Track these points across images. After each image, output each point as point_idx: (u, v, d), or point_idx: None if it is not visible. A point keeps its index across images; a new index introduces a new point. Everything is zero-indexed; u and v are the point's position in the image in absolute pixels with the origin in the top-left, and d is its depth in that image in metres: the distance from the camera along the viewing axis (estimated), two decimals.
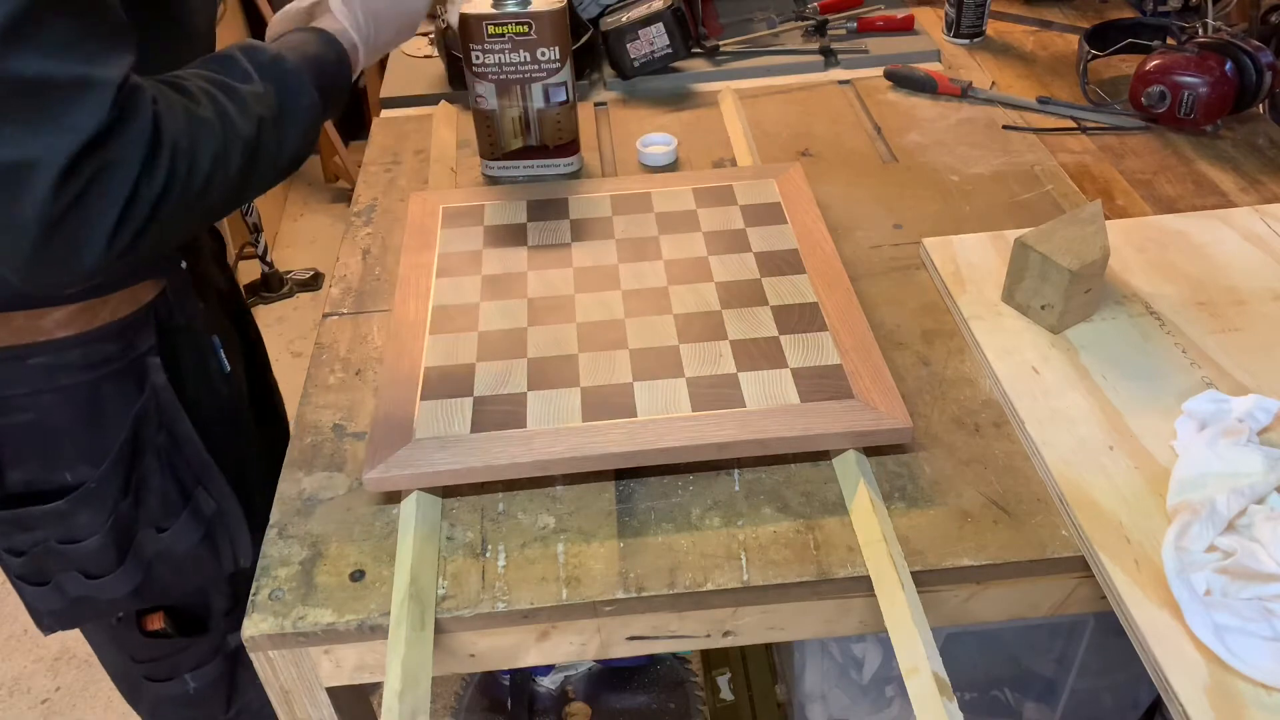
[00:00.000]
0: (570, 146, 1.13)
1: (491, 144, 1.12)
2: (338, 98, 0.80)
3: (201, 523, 0.94)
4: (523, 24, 1.02)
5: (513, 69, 1.06)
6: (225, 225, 1.18)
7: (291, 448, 0.83)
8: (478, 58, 1.05)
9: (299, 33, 0.80)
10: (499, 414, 0.79)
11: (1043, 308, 0.87)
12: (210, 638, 1.04)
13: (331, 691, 0.75)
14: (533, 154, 1.12)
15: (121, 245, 0.62)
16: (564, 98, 1.09)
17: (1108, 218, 0.95)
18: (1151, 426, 0.77)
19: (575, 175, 1.14)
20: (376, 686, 0.71)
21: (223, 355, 0.95)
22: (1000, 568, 0.71)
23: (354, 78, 0.83)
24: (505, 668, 0.82)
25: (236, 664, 1.08)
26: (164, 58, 0.72)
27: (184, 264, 0.89)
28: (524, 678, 1.41)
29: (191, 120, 0.65)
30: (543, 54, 1.05)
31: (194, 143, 0.65)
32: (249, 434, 1.02)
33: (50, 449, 0.88)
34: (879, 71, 1.32)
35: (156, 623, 1.01)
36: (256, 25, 2.59)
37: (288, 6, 0.86)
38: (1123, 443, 0.76)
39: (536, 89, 1.07)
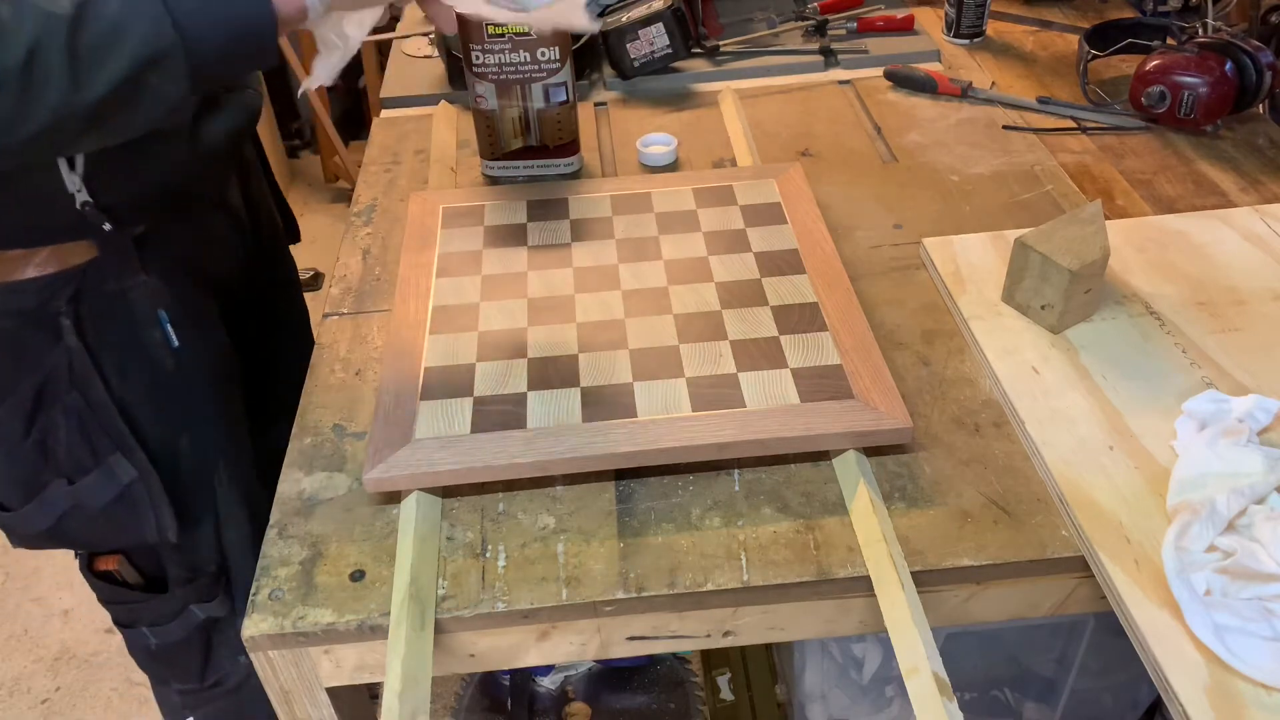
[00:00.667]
0: (570, 146, 1.13)
1: (491, 144, 1.12)
2: (239, 38, 0.67)
3: (114, 486, 0.94)
4: (524, 26, 1.02)
5: (513, 69, 1.06)
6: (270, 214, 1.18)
7: (291, 448, 0.83)
8: (478, 58, 1.05)
9: None
10: (499, 414, 0.79)
11: (1043, 308, 0.87)
12: (169, 600, 1.05)
13: (331, 691, 0.75)
14: (533, 154, 1.12)
15: None
16: (564, 98, 1.09)
17: (1108, 218, 0.95)
18: (1151, 426, 0.77)
19: (575, 175, 1.14)
20: (376, 686, 0.71)
21: (169, 329, 0.94)
22: (1000, 568, 0.71)
23: (302, 18, 0.69)
24: (505, 668, 0.82)
25: (211, 635, 1.09)
26: None
27: (107, 226, 0.86)
28: (524, 678, 1.41)
29: None
30: (543, 54, 1.05)
31: None
32: (212, 410, 1.01)
33: None
34: (879, 71, 1.32)
35: (108, 564, 1.03)
36: None
37: None
38: (1123, 443, 0.76)
39: (536, 89, 1.07)
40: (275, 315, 1.19)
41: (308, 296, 2.72)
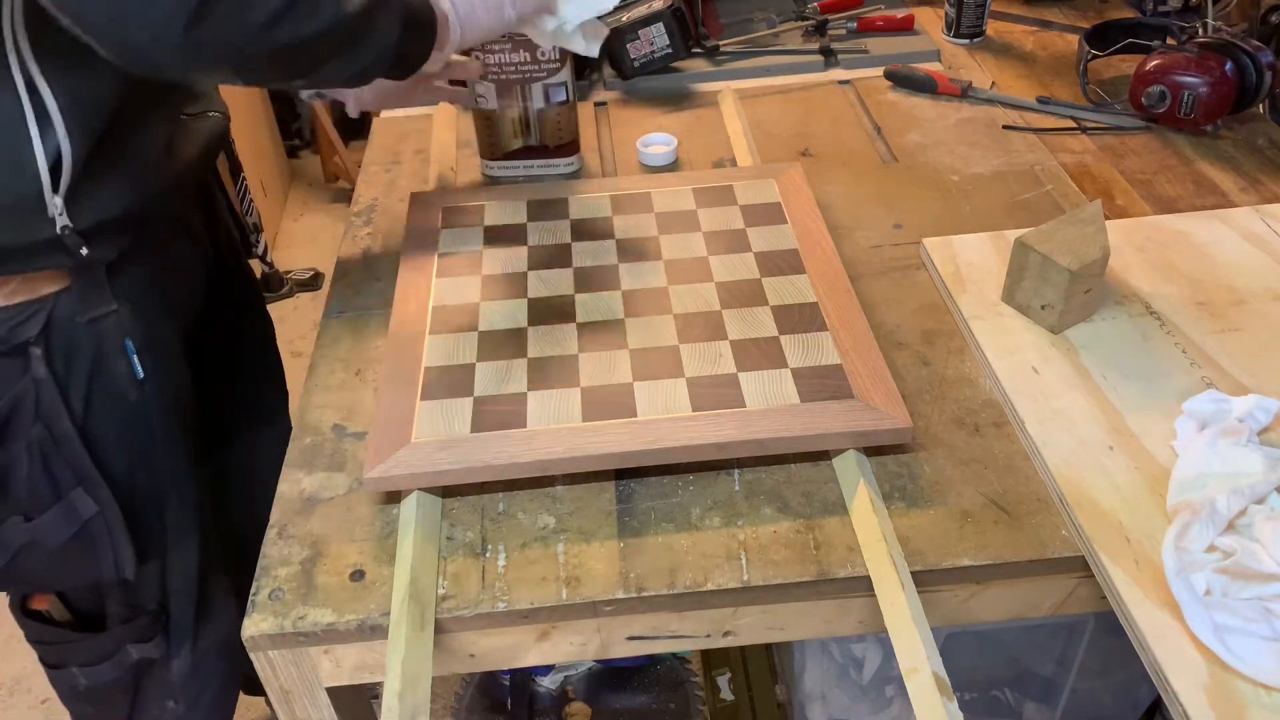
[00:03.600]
0: (570, 146, 1.13)
1: (491, 144, 1.12)
2: (418, 44, 0.83)
3: (74, 522, 0.92)
4: None
5: (513, 69, 1.06)
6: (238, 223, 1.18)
7: (291, 448, 0.83)
8: (478, 58, 1.05)
9: None
10: (499, 414, 0.79)
11: (1043, 308, 0.87)
12: (104, 639, 1.02)
13: (331, 691, 0.75)
14: (533, 154, 1.12)
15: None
16: (564, 98, 1.09)
17: (1108, 218, 0.95)
18: (1151, 426, 0.77)
19: (575, 175, 1.14)
20: (376, 686, 0.71)
21: (136, 360, 0.92)
22: (1000, 568, 0.71)
23: (442, 48, 0.85)
24: (505, 668, 0.82)
25: (141, 677, 1.06)
26: None
27: (85, 251, 0.85)
28: (524, 678, 1.41)
29: None
30: (543, 54, 1.05)
31: None
32: (170, 443, 0.98)
33: None
34: (879, 71, 1.32)
35: (41, 603, 1.01)
36: None
37: None
38: (1123, 443, 0.76)
39: (536, 89, 1.07)
40: (233, 334, 1.16)
41: (307, 297, 2.70)
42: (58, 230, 0.82)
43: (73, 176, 0.81)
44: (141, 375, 0.93)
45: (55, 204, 0.81)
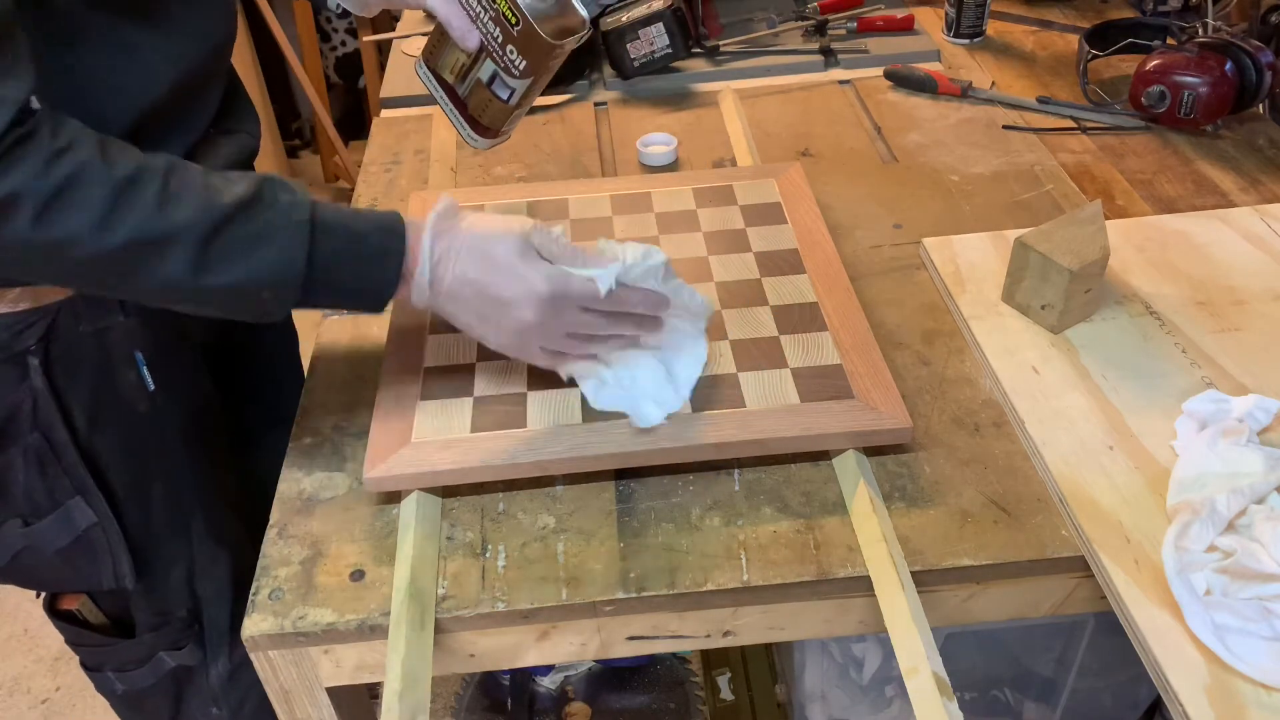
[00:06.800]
0: (489, 131, 0.98)
1: (433, 51, 0.96)
2: (355, 286, 0.74)
3: (72, 530, 0.91)
4: (514, 15, 0.89)
5: (485, 31, 0.91)
6: None
7: (291, 448, 0.83)
8: None
9: (381, 210, 0.76)
10: (499, 414, 0.79)
11: (1043, 308, 0.87)
12: (136, 645, 1.02)
13: (331, 691, 0.75)
14: (456, 99, 0.97)
15: None
16: (505, 97, 0.94)
17: (1108, 218, 0.95)
18: (1151, 426, 0.77)
19: (487, 150, 1.02)
20: (376, 686, 0.71)
21: (146, 372, 0.90)
22: (1000, 568, 0.71)
23: (392, 292, 0.74)
24: (505, 668, 0.82)
25: (183, 684, 1.06)
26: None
27: None
28: (524, 678, 1.41)
29: (91, 171, 0.64)
30: (511, 51, 0.91)
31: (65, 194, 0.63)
32: (189, 454, 0.96)
33: None
34: (879, 71, 1.32)
35: (71, 603, 1.01)
36: (256, 24, 2.59)
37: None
38: (1123, 443, 0.76)
39: (488, 65, 0.92)
40: (256, 341, 1.11)
41: None
42: None
43: None
44: (152, 387, 0.91)
45: None
